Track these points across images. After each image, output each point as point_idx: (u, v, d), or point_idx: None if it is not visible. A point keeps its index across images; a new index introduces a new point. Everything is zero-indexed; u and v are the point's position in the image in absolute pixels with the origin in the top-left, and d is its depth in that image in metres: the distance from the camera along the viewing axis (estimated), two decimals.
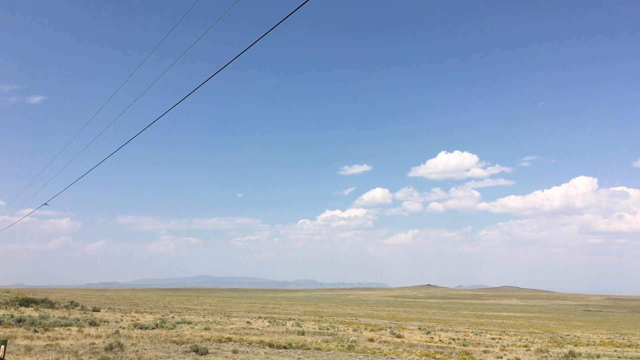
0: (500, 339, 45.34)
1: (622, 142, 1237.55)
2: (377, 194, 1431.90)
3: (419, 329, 52.12)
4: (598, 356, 32.87)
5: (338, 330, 43.30)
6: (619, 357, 33.09)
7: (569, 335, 54.72)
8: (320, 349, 27.31)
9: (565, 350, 33.37)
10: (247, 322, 47.78)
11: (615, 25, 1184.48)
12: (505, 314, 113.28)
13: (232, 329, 38.26)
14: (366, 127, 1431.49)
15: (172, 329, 34.68)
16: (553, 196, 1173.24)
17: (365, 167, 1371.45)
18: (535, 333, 56.51)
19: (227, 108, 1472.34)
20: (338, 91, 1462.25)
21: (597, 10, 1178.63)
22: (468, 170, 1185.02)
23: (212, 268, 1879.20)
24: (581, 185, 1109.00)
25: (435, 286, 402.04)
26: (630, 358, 33.00)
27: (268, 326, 43.73)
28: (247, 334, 34.52)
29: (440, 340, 38.68)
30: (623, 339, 52.95)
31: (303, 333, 37.22)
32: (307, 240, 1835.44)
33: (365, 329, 47.62)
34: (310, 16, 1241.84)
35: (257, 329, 39.68)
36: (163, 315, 52.78)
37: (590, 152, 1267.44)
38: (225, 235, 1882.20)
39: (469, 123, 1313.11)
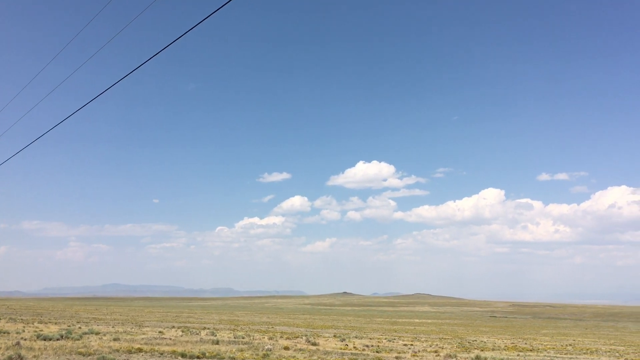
0: (412, 345, 46.50)
1: (527, 157, 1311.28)
2: (296, 202, 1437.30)
3: (335, 336, 52.60)
4: None
5: (253, 338, 42.92)
6: None
7: (476, 341, 56.96)
8: (234, 358, 26.97)
9: (472, 355, 34.76)
10: (160, 332, 46.41)
11: (520, 49, 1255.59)
12: (417, 320, 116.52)
13: (143, 339, 37.04)
14: (286, 134, 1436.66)
15: (78, 339, 33.09)
16: (464, 206, 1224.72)
17: (285, 175, 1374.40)
18: (445, 339, 58.43)
19: (144, 109, 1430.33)
20: (257, 97, 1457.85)
21: (502, 34, 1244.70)
22: (385, 180, 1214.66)
23: (125, 276, 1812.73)
24: (490, 197, 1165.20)
25: (351, 294, 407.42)
26: None
27: (181, 335, 42.67)
28: (159, 344, 33.52)
29: (354, 347, 39.20)
30: (525, 343, 55.76)
31: (217, 342, 36.61)
32: (225, 248, 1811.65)
33: (281, 337, 47.49)
34: (227, 15, 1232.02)
35: (170, 338, 38.63)
36: (69, 326, 50.28)
37: (498, 165, 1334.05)
38: (139, 242, 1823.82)
39: (387, 134, 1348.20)
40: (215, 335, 43.13)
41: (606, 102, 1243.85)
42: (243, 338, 42.35)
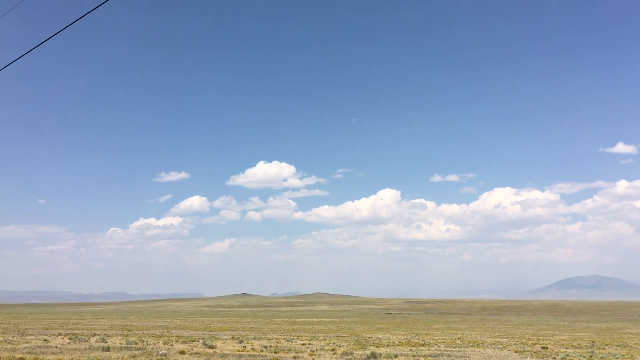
0: (310, 344, 46.89)
1: (422, 159, 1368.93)
2: (195, 202, 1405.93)
3: (233, 338, 51.95)
4: (396, 355, 35.59)
5: (147, 344, 41.40)
6: (413, 356, 36.17)
7: (372, 338, 58.45)
8: None
9: (368, 352, 35.59)
10: (45, 340, 43.60)
11: (417, 54, 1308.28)
12: (316, 319, 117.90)
13: (25, 348, 34.62)
14: (185, 133, 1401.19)
15: None
16: (362, 207, 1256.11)
17: (183, 175, 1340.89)
18: (342, 337, 59.47)
19: (27, 105, 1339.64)
20: (154, 95, 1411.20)
21: (399, 35, 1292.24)
22: (286, 180, 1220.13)
23: (6, 282, 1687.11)
24: (386, 197, 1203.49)
25: (250, 295, 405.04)
26: (424, 356, 36.27)
27: (69, 343, 40.35)
28: (43, 352, 31.46)
29: (252, 349, 38.90)
30: (418, 338, 57.96)
31: (108, 349, 34.95)
32: (118, 250, 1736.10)
33: (177, 341, 46.19)
34: (125, 14, 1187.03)
35: (56, 346, 36.39)
36: None
37: (395, 166, 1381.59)
38: (23, 245, 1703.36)
39: (288, 135, 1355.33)
40: (106, 342, 41.18)
41: (493, 109, 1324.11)
42: (136, 344, 40.74)
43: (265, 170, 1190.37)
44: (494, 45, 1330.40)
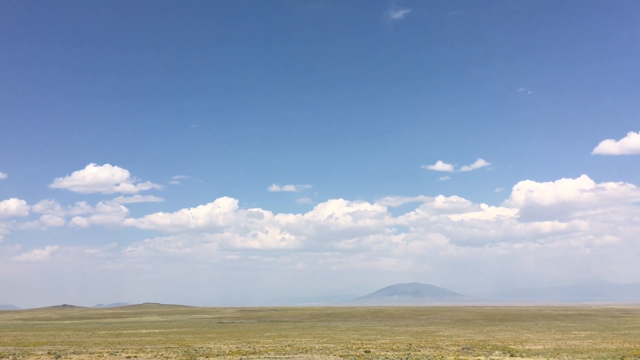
0: (136, 356, 44.92)
1: (260, 168, 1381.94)
2: (12, 205, 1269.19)
3: (49, 353, 47.97)
4: None
5: None
6: None
7: (202, 348, 57.50)
8: None
9: None
10: None
11: (263, 64, 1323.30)
12: (144, 330, 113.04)
13: None
14: (1, 129, 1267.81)
15: None
16: (199, 214, 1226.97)
17: None
18: (171, 348, 57.74)
19: None
20: None
21: (242, 40, 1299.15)
22: (118, 185, 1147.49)
23: None
24: (224, 205, 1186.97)
25: (72, 306, 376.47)
26: None
27: None
28: None
29: None
30: (249, 347, 58.17)
31: None
32: None
33: None
34: None
35: None
36: None
37: (234, 175, 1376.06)
38: None
39: (122, 137, 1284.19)
40: None
41: (328, 126, 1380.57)
42: None
43: (96, 174, 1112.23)
44: (346, 59, 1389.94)
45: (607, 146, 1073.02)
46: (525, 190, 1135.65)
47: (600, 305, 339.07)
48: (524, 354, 45.38)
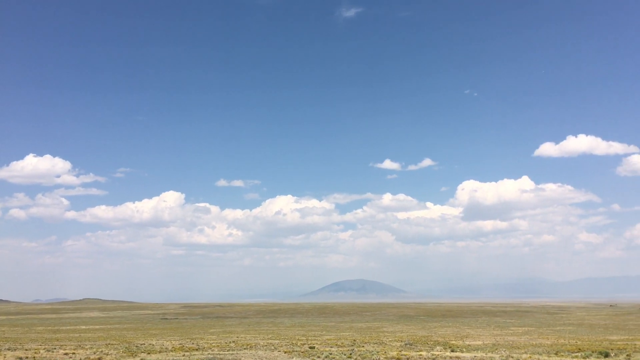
0: (74, 353, 43.67)
1: (208, 162, 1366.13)
2: None
3: None
4: None
5: None
6: None
7: (144, 344, 56.41)
8: None
9: (138, 359, 34.25)
10: None
11: (212, 57, 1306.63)
12: (84, 327, 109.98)
13: None
14: None
15: None
16: (143, 208, 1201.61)
17: None
18: (112, 344, 56.39)
19: None
20: None
21: (184, 38, 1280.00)
22: (59, 176, 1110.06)
23: None
24: (170, 199, 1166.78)
25: (7, 301, 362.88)
26: None
27: None
28: None
29: None
30: (193, 343, 57.43)
31: None
32: None
33: None
34: None
35: None
36: None
37: (181, 169, 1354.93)
38: None
39: (64, 128, 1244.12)
40: None
41: (278, 121, 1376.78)
42: None
43: (35, 165, 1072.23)
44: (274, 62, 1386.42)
45: (548, 149, 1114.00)
46: (470, 189, 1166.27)
47: (537, 302, 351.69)
48: (464, 350, 46.53)
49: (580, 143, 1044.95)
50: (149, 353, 43.24)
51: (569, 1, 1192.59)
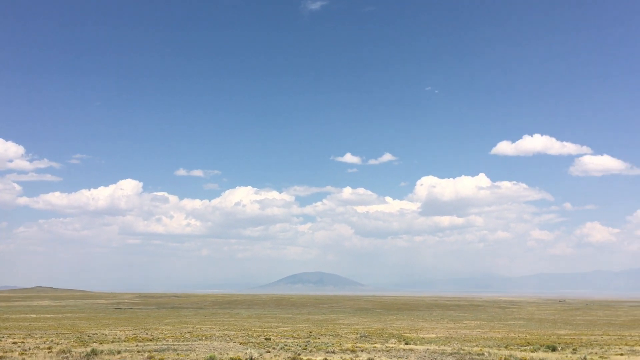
0: (23, 342, 42.64)
1: (167, 151, 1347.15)
2: None
3: None
4: (119, 352, 34.31)
5: None
6: (138, 351, 35.28)
7: (97, 334, 55.47)
8: None
9: (89, 349, 33.68)
10: None
11: (171, 44, 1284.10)
12: (34, 315, 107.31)
13: None
14: None
15: None
16: (99, 196, 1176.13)
17: None
18: (63, 334, 55.24)
19: None
20: None
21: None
22: (11, 161, 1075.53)
23: None
24: (127, 188, 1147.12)
25: None
26: (149, 351, 35.59)
27: None
28: None
29: None
30: (147, 333, 56.71)
31: None
32: None
33: None
34: None
35: None
36: None
37: (139, 156, 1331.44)
38: None
39: (17, 111, 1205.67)
40: None
41: (238, 112, 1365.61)
42: None
43: None
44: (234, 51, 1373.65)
45: (504, 147, 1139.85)
46: (428, 185, 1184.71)
47: (490, 296, 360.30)
48: (418, 342, 47.32)
49: (535, 142, 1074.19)
50: (101, 343, 42.53)
51: (527, 1, 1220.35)
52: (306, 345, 40.96)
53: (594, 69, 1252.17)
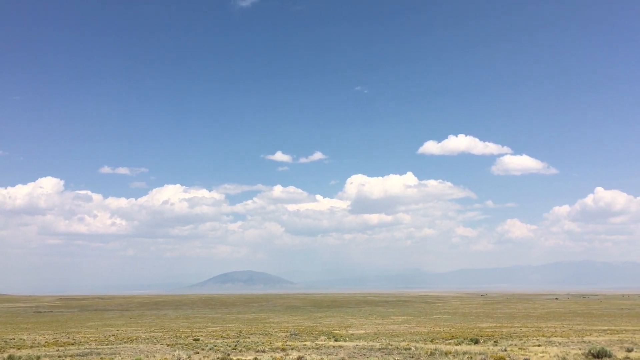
0: None
1: (90, 147, 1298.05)
2: None
3: None
4: (39, 357, 32.82)
5: None
6: (59, 357, 33.86)
7: (14, 339, 52.81)
8: None
9: (5, 355, 32.05)
10: None
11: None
12: None
13: None
14: None
15: None
16: (17, 194, 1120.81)
17: None
18: None
19: None
20: None
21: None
22: None
23: None
24: (47, 186, 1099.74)
25: None
26: (70, 356, 34.24)
27: None
28: None
29: None
30: (68, 337, 54.52)
31: None
32: None
33: None
34: None
35: None
36: None
37: (60, 153, 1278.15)
38: None
39: None
40: None
41: (167, 107, 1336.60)
42: None
43: None
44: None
45: (430, 147, 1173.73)
46: (357, 183, 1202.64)
47: (417, 292, 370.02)
48: (347, 339, 47.91)
49: (460, 142, 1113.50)
50: (18, 348, 40.53)
51: (455, 9, 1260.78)
52: (236, 345, 40.60)
53: (515, 74, 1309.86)
